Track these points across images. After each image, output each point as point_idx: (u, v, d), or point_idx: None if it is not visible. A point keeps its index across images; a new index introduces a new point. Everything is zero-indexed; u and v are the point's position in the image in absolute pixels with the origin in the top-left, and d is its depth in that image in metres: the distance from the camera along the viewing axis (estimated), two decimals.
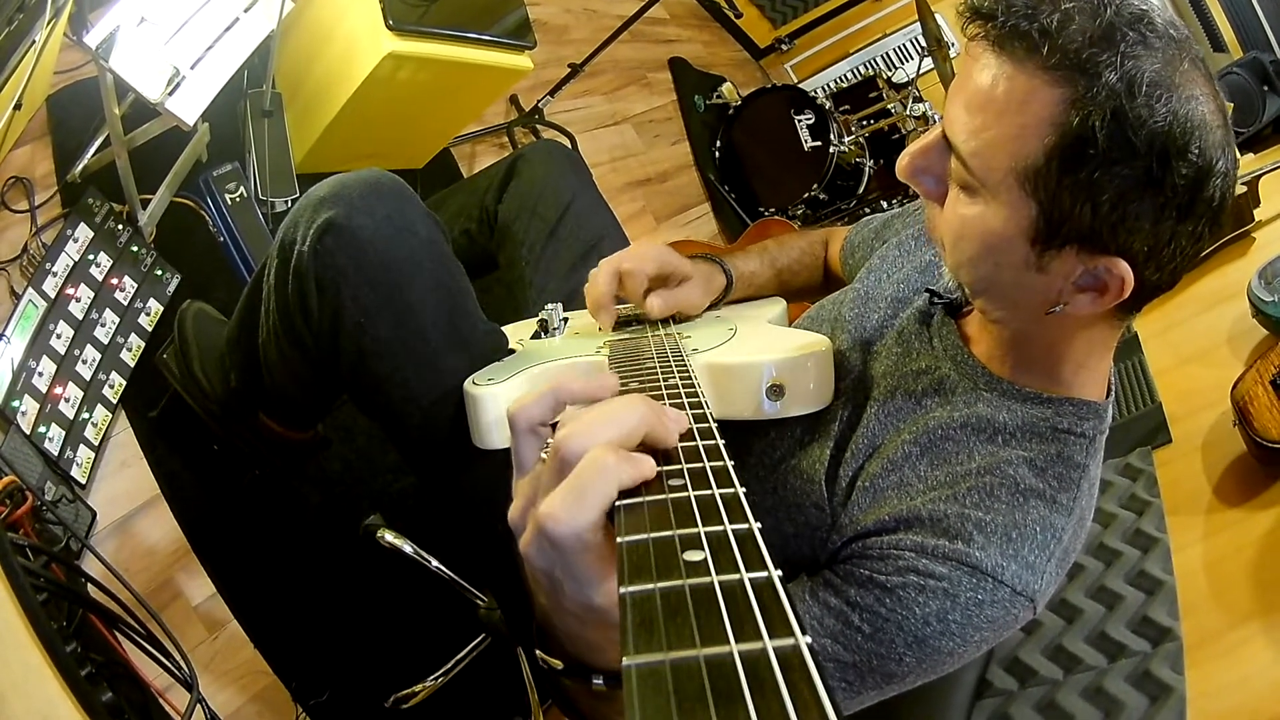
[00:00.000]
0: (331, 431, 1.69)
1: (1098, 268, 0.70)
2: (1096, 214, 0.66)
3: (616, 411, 0.49)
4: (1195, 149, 0.63)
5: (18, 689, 0.69)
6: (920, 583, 0.74)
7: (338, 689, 1.60)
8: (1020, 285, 0.75)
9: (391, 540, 1.56)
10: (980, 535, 0.75)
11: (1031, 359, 0.83)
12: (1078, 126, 0.64)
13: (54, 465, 1.32)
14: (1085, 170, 0.65)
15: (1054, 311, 0.74)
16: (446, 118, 2.18)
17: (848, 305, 1.03)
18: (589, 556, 0.46)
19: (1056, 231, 0.69)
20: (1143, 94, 0.62)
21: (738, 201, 3.43)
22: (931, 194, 0.79)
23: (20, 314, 1.33)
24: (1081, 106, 0.63)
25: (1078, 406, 0.81)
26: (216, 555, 1.54)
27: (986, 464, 0.80)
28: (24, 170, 1.51)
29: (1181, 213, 0.66)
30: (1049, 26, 0.64)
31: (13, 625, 0.66)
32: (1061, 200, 0.67)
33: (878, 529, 0.80)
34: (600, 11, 3.18)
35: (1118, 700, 1.23)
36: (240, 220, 1.76)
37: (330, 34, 1.81)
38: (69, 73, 1.61)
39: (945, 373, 0.88)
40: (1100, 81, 0.63)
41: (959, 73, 0.72)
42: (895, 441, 0.85)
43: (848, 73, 3.99)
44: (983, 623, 0.75)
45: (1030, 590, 0.75)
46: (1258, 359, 1.50)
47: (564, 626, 0.54)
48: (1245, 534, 1.37)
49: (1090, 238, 0.68)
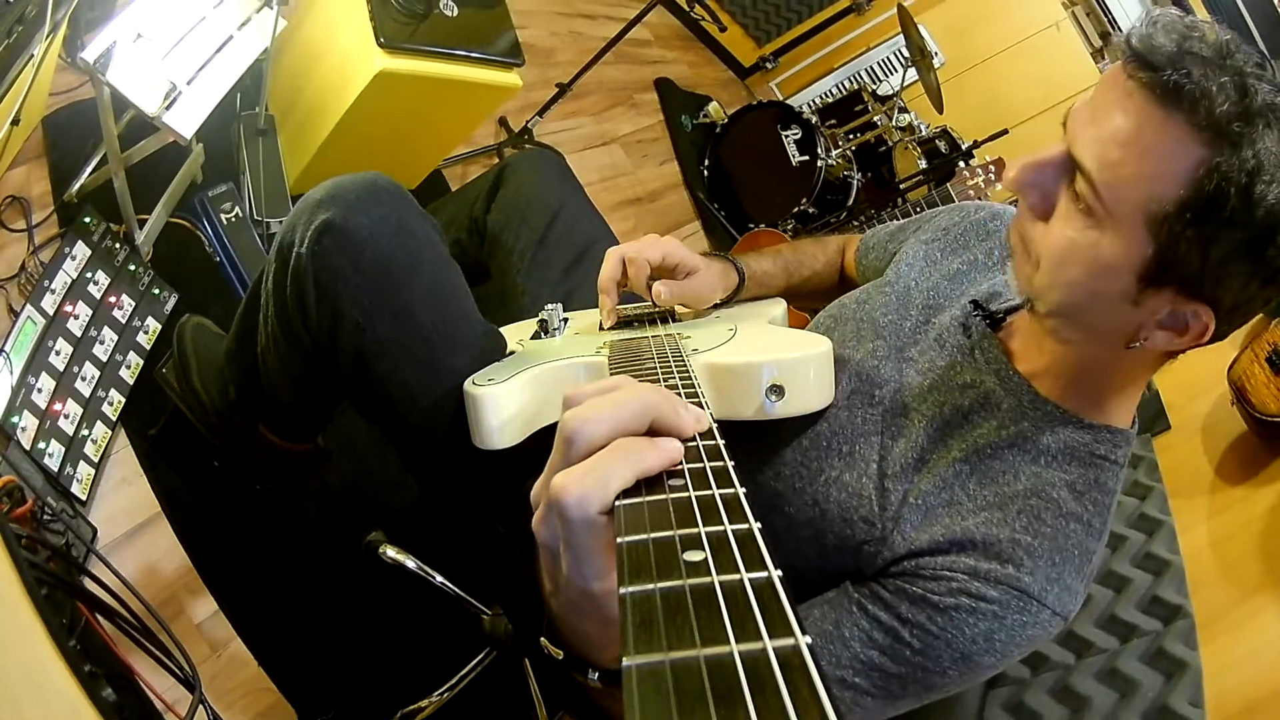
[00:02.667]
0: (332, 444, 1.68)
1: (1187, 311, 0.74)
2: (1205, 265, 0.71)
3: (626, 400, 0.50)
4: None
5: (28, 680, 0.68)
6: (972, 605, 0.78)
7: (342, 706, 1.58)
8: (1110, 314, 0.78)
9: (394, 556, 1.55)
10: (1029, 560, 0.79)
11: (1085, 384, 0.86)
12: (1213, 190, 0.68)
13: (54, 481, 1.31)
14: (1209, 227, 0.69)
15: (1134, 346, 0.78)
16: (438, 137, 2.20)
17: (879, 309, 1.03)
18: (595, 540, 0.46)
19: (1165, 272, 0.73)
20: (1268, 173, 0.67)
21: (728, 219, 3.45)
22: (1036, 208, 0.81)
23: (19, 331, 1.33)
24: (1221, 172, 0.68)
25: (1114, 434, 0.85)
26: (218, 572, 1.53)
27: (1032, 486, 0.83)
28: (20, 190, 1.52)
29: (1265, 281, 0.72)
30: (1207, 91, 0.67)
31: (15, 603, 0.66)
32: (1179, 246, 0.71)
33: (931, 549, 0.83)
34: (586, 34, 3.22)
35: (1132, 680, 1.23)
36: (236, 240, 1.76)
37: (322, 53, 1.83)
38: (64, 94, 1.62)
39: (990, 388, 0.89)
40: (1240, 154, 0.67)
41: (1097, 101, 0.75)
42: (945, 458, 0.87)
43: (833, 88, 4.05)
44: (1023, 640, 0.79)
45: (1067, 611, 0.80)
46: (1252, 339, 1.51)
47: (563, 616, 0.55)
48: (1250, 510, 1.38)
49: (1192, 283, 0.73)
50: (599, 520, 0.45)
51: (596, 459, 0.47)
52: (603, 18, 3.38)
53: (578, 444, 0.48)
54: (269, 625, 1.55)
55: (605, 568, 0.48)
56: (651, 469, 0.47)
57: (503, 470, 0.94)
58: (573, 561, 0.48)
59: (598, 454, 0.47)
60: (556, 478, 0.46)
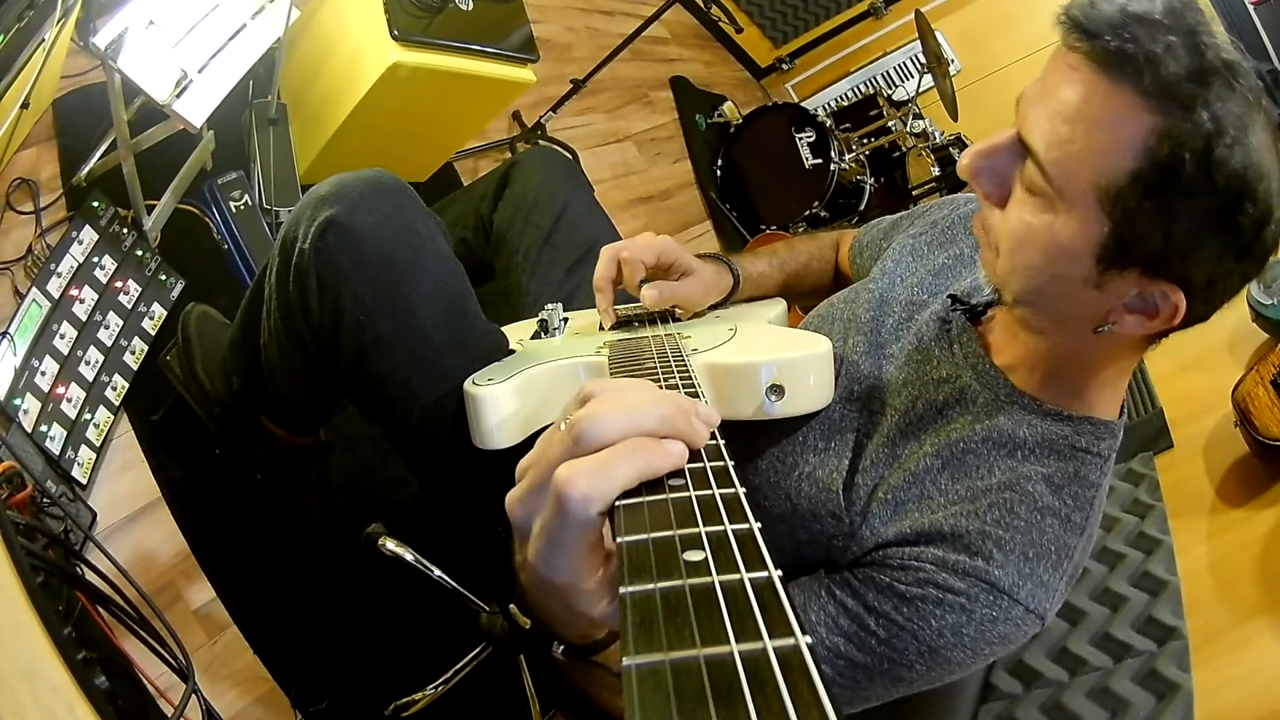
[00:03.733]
0: (334, 441, 1.69)
1: (1155, 293, 0.71)
2: (1169, 241, 0.68)
3: (643, 405, 0.48)
4: (1262, 194, 0.65)
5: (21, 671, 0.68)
6: (939, 596, 0.76)
7: (337, 696, 1.58)
8: (1072, 299, 0.75)
9: (393, 549, 1.55)
10: (999, 553, 0.76)
11: (1061, 375, 0.83)
12: (1167, 156, 0.65)
13: (55, 464, 1.31)
14: (1166, 198, 0.66)
15: (1102, 330, 0.75)
16: (450, 130, 2.20)
17: (862, 306, 1.02)
18: (580, 539, 0.45)
19: (1125, 252, 0.70)
20: (1230, 136, 0.64)
21: (739, 220, 3.45)
22: (992, 195, 0.79)
23: (24, 313, 1.34)
24: (1174, 138, 0.65)
25: (1096, 426, 0.82)
26: (217, 559, 1.54)
27: (1007, 480, 0.81)
28: (30, 172, 1.52)
29: (1240, 252, 0.68)
30: (1153, 55, 0.65)
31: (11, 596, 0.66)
32: (1137, 222, 0.68)
33: (899, 540, 0.81)
34: (602, 30, 3.22)
35: (1124, 700, 1.22)
36: (245, 228, 1.77)
37: (335, 44, 1.83)
38: (75, 78, 1.62)
39: (966, 382, 0.88)
40: (1194, 116, 0.64)
41: (1044, 79, 0.73)
42: (917, 453, 0.86)
43: (848, 91, 4.03)
44: (994, 637, 0.77)
45: (1041, 608, 0.77)
46: (1258, 361, 1.50)
47: (530, 590, 0.54)
48: (1249, 532, 1.37)
49: (1156, 263, 0.69)
50: (595, 520, 0.45)
51: (606, 456, 0.45)
52: (620, 14, 3.38)
53: (587, 440, 0.46)
54: (266, 614, 1.56)
55: (577, 567, 0.46)
56: (658, 471, 0.46)
57: (502, 470, 0.94)
58: (546, 549, 0.47)
59: (607, 451, 0.45)
60: (563, 468, 0.45)
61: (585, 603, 0.49)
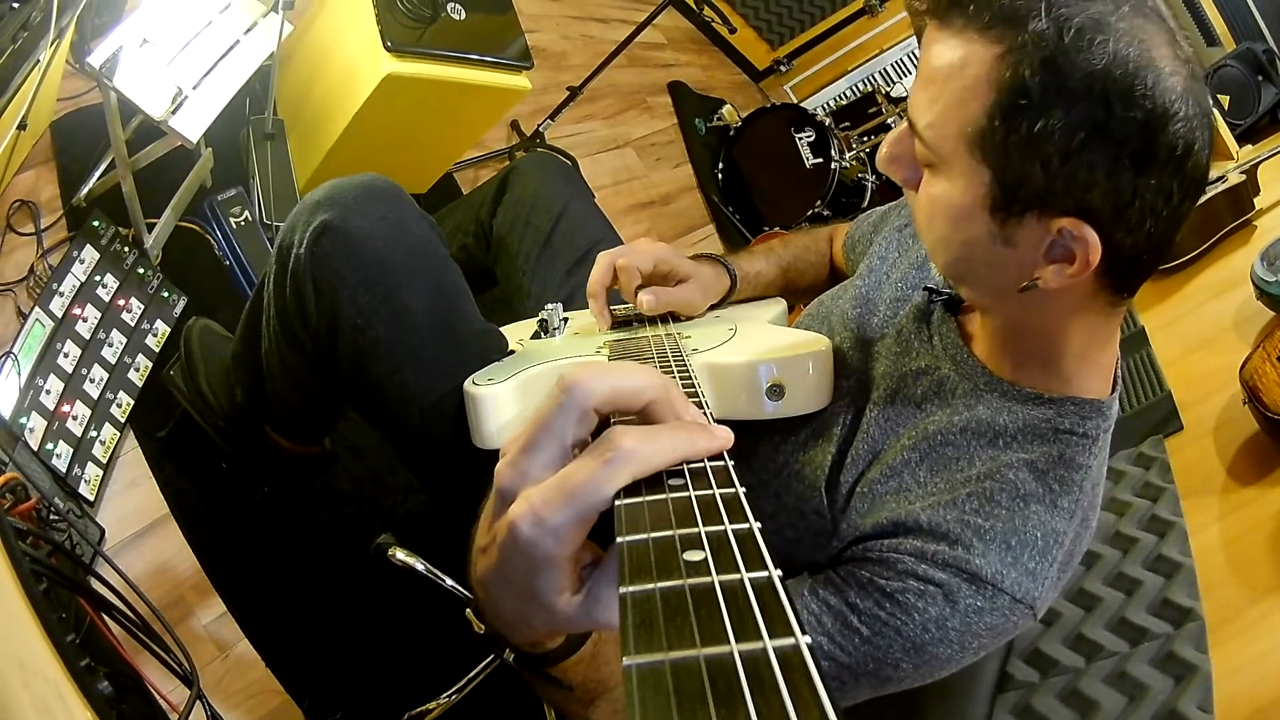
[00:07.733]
0: (341, 450, 1.69)
1: (1062, 232, 0.67)
2: (1047, 170, 0.65)
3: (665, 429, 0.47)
4: (1141, 91, 0.61)
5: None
6: (920, 588, 0.74)
7: (350, 707, 1.58)
8: (991, 263, 0.73)
9: (404, 558, 1.54)
10: (980, 542, 0.74)
11: (1029, 352, 0.81)
12: (1010, 79, 0.63)
13: (62, 482, 1.32)
14: (1025, 123, 0.64)
15: (1028, 287, 0.72)
16: (448, 141, 2.21)
17: (849, 303, 1.02)
18: (571, 539, 0.44)
19: (1014, 196, 0.68)
20: (1074, 36, 0.61)
21: (742, 222, 3.44)
22: (909, 181, 0.78)
23: (27, 333, 1.35)
24: (1013, 56, 0.63)
25: (1080, 406, 0.79)
26: (226, 574, 1.54)
27: (987, 469, 0.79)
28: (29, 194, 1.54)
29: (1138, 163, 0.63)
30: None
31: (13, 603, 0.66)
32: (1011, 161, 0.66)
33: (876, 532, 0.80)
34: (598, 37, 3.23)
35: (1142, 684, 1.21)
36: (245, 244, 1.77)
37: (329, 58, 1.84)
38: (72, 100, 1.64)
39: (945, 373, 0.86)
40: (1029, 30, 0.62)
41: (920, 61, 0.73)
42: (895, 447, 0.85)
43: (847, 90, 4.03)
44: (981, 630, 0.75)
45: (1030, 597, 0.74)
46: (1264, 338, 1.49)
47: (485, 582, 0.51)
48: (1262, 510, 1.36)
49: (1046, 199, 0.66)
50: (575, 535, 0.43)
51: (613, 454, 0.43)
52: (615, 21, 3.39)
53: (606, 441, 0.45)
54: (276, 627, 1.56)
55: (570, 536, 0.44)
56: (701, 454, 0.46)
57: None
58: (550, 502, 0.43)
59: (613, 449, 0.43)
60: (571, 465, 0.43)
61: (551, 587, 0.45)
